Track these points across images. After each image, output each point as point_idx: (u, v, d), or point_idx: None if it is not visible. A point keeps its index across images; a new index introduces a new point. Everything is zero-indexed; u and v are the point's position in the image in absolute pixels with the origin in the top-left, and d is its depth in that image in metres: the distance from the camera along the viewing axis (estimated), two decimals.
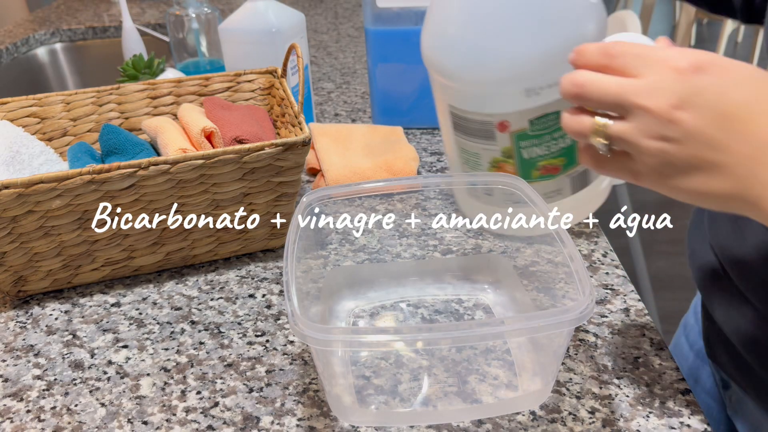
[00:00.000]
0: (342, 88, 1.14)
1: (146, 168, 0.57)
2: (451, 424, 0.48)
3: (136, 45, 1.11)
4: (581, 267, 0.45)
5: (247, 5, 0.87)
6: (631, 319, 0.57)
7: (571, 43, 0.48)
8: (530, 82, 0.53)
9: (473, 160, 0.61)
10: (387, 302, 0.60)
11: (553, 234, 0.49)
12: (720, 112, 0.35)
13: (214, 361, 0.55)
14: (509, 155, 0.58)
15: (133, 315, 0.61)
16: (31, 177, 0.54)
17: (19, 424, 0.50)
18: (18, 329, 0.60)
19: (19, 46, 1.50)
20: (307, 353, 0.55)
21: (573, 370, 0.52)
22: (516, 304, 0.58)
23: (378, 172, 0.79)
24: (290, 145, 0.60)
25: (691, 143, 0.35)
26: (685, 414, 0.48)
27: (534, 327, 0.41)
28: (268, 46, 0.86)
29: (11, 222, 0.56)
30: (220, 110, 0.70)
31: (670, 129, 0.36)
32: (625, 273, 0.62)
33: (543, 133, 0.56)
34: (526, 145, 0.57)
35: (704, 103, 0.35)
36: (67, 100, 0.72)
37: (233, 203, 0.63)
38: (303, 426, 0.48)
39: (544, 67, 0.53)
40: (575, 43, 0.46)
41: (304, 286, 0.52)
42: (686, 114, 0.35)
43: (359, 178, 0.78)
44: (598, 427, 0.47)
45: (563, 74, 0.41)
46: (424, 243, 0.68)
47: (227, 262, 0.68)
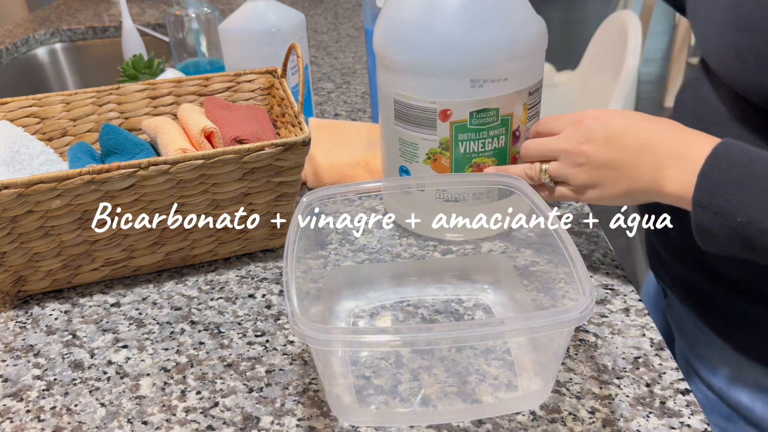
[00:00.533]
0: (342, 88, 1.14)
1: (146, 168, 0.57)
2: (451, 424, 0.48)
3: (136, 45, 1.11)
4: (581, 267, 0.45)
5: (247, 5, 0.87)
6: (631, 319, 0.57)
7: (515, 43, 0.59)
8: (476, 73, 0.58)
9: (410, 152, 0.64)
10: (387, 302, 0.60)
11: (553, 234, 0.49)
12: (605, 137, 0.53)
13: (214, 361, 0.55)
14: (446, 147, 0.62)
15: (133, 315, 0.61)
16: (31, 177, 0.54)
17: (18, 424, 0.50)
18: (18, 329, 0.60)
19: (19, 46, 1.50)
20: (307, 353, 0.55)
21: (573, 370, 0.52)
22: (516, 304, 0.58)
23: (355, 167, 0.80)
24: (290, 145, 0.60)
25: (595, 163, 0.54)
26: (685, 414, 0.48)
27: (534, 327, 0.41)
28: (267, 46, 0.86)
29: (11, 222, 0.56)
30: (220, 110, 0.70)
31: (581, 158, 0.55)
32: (625, 273, 0.62)
33: (481, 128, 0.61)
34: (463, 138, 0.61)
35: (596, 135, 0.54)
36: (66, 100, 0.72)
37: (233, 203, 0.63)
38: (303, 426, 0.48)
39: (490, 60, 0.58)
40: (519, 43, 0.59)
41: (304, 286, 0.52)
42: (588, 146, 0.54)
43: (336, 172, 0.80)
44: (598, 427, 0.47)
45: (505, 70, 0.58)
46: (424, 243, 0.68)
47: (227, 262, 0.68)
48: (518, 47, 0.59)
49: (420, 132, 0.62)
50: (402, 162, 0.65)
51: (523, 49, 0.59)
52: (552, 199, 0.60)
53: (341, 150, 0.84)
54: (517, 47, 0.59)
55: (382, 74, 0.64)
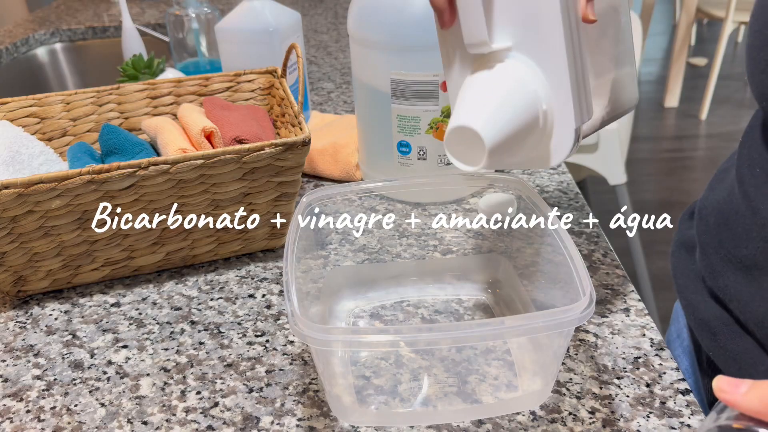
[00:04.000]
0: (342, 88, 1.14)
1: (146, 168, 0.57)
2: (451, 424, 0.48)
3: (135, 45, 1.11)
4: (581, 267, 0.45)
5: (244, 5, 0.87)
6: (631, 319, 0.57)
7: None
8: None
9: (411, 125, 0.68)
10: (387, 302, 0.60)
11: (553, 234, 0.49)
12: None
13: (214, 361, 0.55)
14: (448, 114, 0.65)
15: (133, 315, 0.61)
16: (30, 177, 0.54)
17: (18, 424, 0.50)
18: (18, 329, 0.60)
19: (19, 46, 1.50)
20: (307, 353, 0.55)
21: (573, 370, 0.52)
22: (516, 304, 0.58)
23: (323, 154, 0.82)
24: (290, 145, 0.60)
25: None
26: (685, 414, 0.48)
27: (534, 327, 0.41)
28: (265, 45, 0.86)
29: (11, 222, 0.56)
30: (220, 110, 0.70)
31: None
32: (625, 273, 0.62)
33: None
34: None
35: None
36: (66, 100, 0.72)
37: (233, 203, 0.63)
38: (303, 426, 0.48)
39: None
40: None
41: (304, 286, 0.52)
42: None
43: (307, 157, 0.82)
44: (598, 427, 0.47)
45: None
46: (424, 243, 0.68)
47: (227, 262, 0.68)
48: None
49: (422, 105, 0.65)
50: (401, 137, 0.69)
51: None
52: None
53: (322, 135, 0.86)
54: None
55: (374, 63, 0.67)
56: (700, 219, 0.57)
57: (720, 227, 0.53)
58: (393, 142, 0.71)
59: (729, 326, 0.52)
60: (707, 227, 0.55)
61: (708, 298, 0.55)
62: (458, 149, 0.45)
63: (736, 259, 0.50)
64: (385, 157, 0.73)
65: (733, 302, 0.51)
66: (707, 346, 0.55)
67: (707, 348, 0.55)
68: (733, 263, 0.51)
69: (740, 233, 0.50)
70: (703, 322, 0.55)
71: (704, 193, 0.59)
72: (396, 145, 0.71)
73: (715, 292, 0.54)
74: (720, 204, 0.54)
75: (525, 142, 0.45)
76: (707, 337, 0.55)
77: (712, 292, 0.54)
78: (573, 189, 0.77)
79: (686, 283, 0.59)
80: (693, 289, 0.57)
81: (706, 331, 0.55)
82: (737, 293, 0.51)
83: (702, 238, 0.56)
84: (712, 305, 0.55)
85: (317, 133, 0.87)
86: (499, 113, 0.43)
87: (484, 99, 0.44)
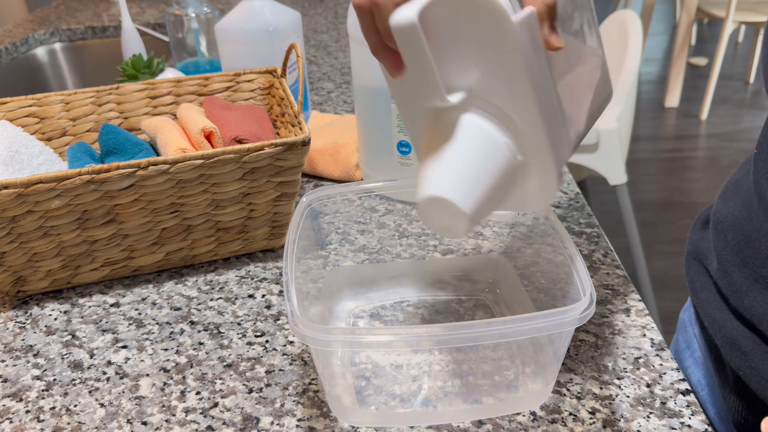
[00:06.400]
0: (342, 88, 1.14)
1: (146, 168, 0.57)
2: (451, 424, 0.48)
3: (135, 45, 1.11)
4: (581, 267, 0.45)
5: (244, 4, 0.87)
6: (631, 319, 0.56)
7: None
8: None
9: None
10: (387, 302, 0.60)
11: (553, 234, 0.49)
12: None
13: (214, 361, 0.55)
14: None
15: (133, 315, 0.61)
16: (30, 177, 0.54)
17: (18, 424, 0.50)
18: (17, 329, 0.60)
19: (19, 46, 1.50)
20: (307, 353, 0.55)
21: (573, 370, 0.52)
22: (516, 304, 0.58)
23: (323, 153, 0.82)
24: (290, 145, 0.60)
25: None
26: (685, 414, 0.47)
27: (534, 327, 0.41)
28: (264, 45, 0.86)
29: (11, 222, 0.56)
30: (219, 110, 0.70)
31: None
32: (625, 273, 0.62)
33: None
34: None
35: None
36: (66, 100, 0.72)
37: (233, 203, 0.63)
38: (303, 426, 0.48)
39: None
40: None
41: (304, 286, 0.52)
42: None
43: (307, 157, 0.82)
44: (598, 428, 0.47)
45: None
46: (424, 243, 0.68)
47: (227, 263, 0.67)
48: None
49: None
50: (401, 137, 0.69)
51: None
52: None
53: (322, 135, 0.86)
54: None
55: (369, 60, 0.66)
56: (717, 233, 0.55)
57: (741, 245, 0.51)
58: (393, 142, 0.71)
59: (760, 346, 0.50)
60: (726, 243, 0.53)
61: (732, 317, 0.53)
62: (435, 216, 0.41)
63: (762, 279, 0.48)
64: (385, 157, 0.73)
65: (763, 324, 0.49)
66: (737, 365, 0.53)
67: (737, 367, 0.53)
68: (760, 283, 0.49)
69: (764, 251, 0.48)
70: (732, 341, 0.53)
71: (716, 203, 0.57)
72: (396, 145, 0.71)
73: (740, 311, 0.52)
74: (738, 220, 0.52)
75: (505, 196, 0.42)
76: (737, 356, 0.53)
77: (737, 311, 0.52)
78: (573, 189, 0.77)
79: (708, 298, 0.56)
80: (716, 306, 0.55)
81: (736, 351, 0.53)
82: (766, 314, 0.49)
83: (721, 254, 0.53)
84: (738, 325, 0.53)
85: (317, 133, 0.87)
86: (472, 177, 0.39)
87: (453, 163, 0.40)
